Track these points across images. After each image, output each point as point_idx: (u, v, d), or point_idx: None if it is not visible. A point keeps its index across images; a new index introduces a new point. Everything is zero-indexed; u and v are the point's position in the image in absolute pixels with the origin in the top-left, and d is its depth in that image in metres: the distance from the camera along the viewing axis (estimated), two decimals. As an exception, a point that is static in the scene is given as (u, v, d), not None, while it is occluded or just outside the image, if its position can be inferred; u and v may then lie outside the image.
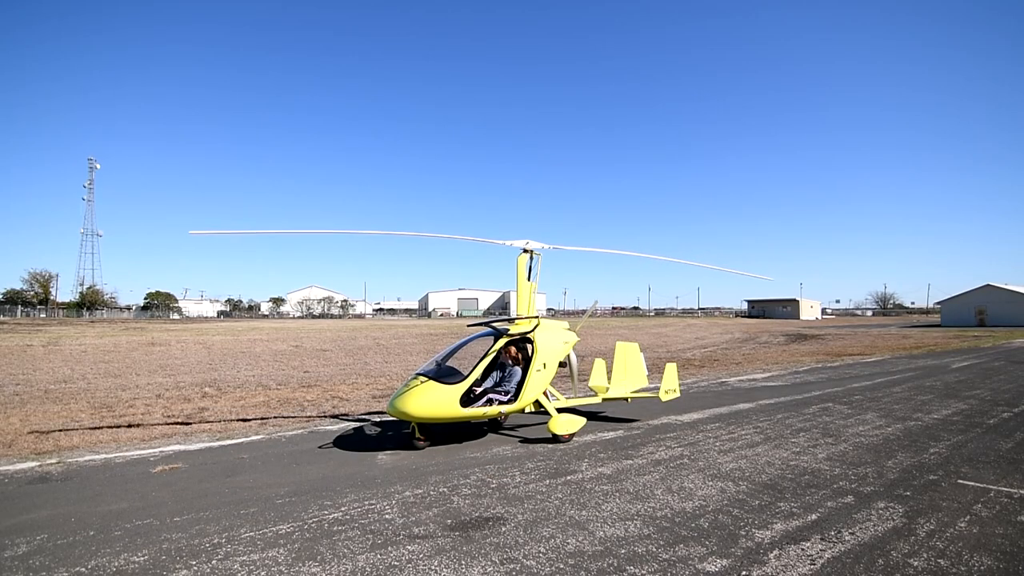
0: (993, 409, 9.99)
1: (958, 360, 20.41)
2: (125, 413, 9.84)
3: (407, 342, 30.68)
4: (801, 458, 6.60)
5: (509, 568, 3.72)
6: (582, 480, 5.75)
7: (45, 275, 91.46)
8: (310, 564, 3.78)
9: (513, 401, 7.54)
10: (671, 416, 9.36)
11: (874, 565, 3.75)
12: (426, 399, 6.87)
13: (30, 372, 16.06)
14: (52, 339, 27.89)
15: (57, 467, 6.32)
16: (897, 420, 8.98)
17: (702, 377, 15.67)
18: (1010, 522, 4.54)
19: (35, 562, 3.83)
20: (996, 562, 3.80)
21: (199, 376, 15.81)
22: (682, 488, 5.45)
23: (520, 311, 8.58)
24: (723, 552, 3.96)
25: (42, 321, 59.61)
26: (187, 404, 10.87)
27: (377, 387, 13.39)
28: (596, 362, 9.87)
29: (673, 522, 4.55)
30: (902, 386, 13.21)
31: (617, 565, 3.77)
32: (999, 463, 6.37)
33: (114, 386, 13.50)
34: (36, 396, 11.72)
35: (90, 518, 4.67)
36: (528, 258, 8.51)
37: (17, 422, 8.85)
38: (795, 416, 9.34)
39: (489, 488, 5.50)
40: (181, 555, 3.93)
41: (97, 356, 21.05)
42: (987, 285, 64.11)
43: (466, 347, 8.03)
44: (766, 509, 4.84)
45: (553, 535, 4.29)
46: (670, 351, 26.63)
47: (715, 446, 7.22)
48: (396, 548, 4.05)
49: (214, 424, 8.85)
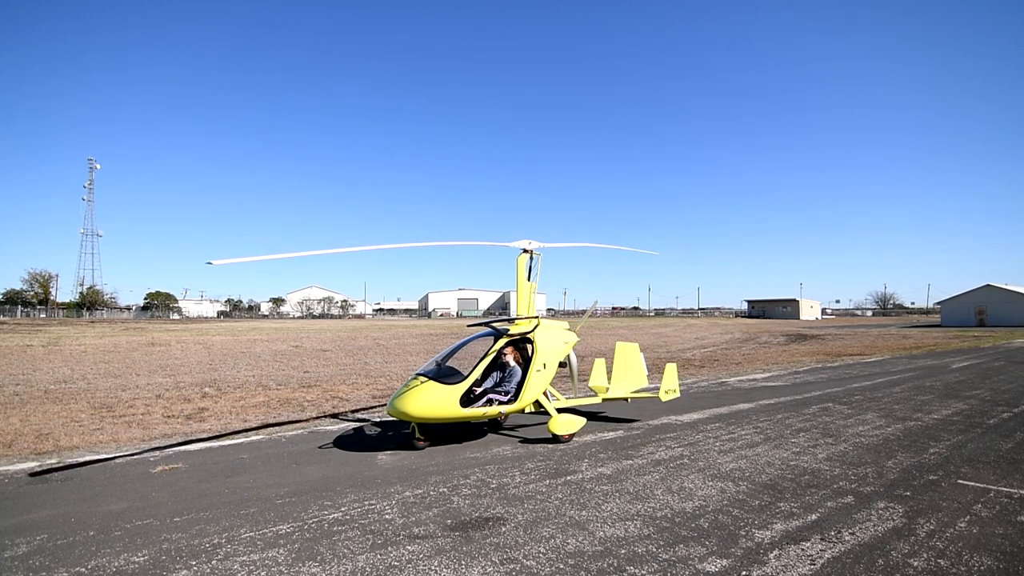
0: (993, 409, 9.99)
1: (958, 360, 20.42)
2: (125, 413, 9.83)
3: (407, 342, 30.68)
4: (801, 458, 6.60)
5: (509, 568, 3.72)
6: (582, 480, 5.75)
7: (45, 275, 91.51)
8: (310, 564, 3.78)
9: (513, 401, 7.54)
10: (671, 416, 9.36)
11: (874, 565, 3.75)
12: (426, 399, 6.87)
13: (30, 372, 16.05)
14: (52, 339, 27.89)
15: (57, 467, 6.32)
16: (897, 420, 8.98)
17: (702, 377, 15.66)
18: (1010, 522, 4.54)
19: (35, 562, 3.83)
20: (996, 562, 3.80)
21: (199, 376, 15.81)
22: (682, 488, 5.45)
23: (520, 311, 8.59)
24: (723, 552, 3.96)
25: (42, 321, 59.62)
26: (187, 404, 10.87)
27: (377, 387, 13.40)
28: (596, 362, 9.88)
29: (673, 522, 4.55)
30: (902, 386, 13.21)
31: (617, 565, 3.77)
32: (999, 463, 6.37)
33: (114, 386, 13.50)
34: (36, 396, 11.72)
35: (90, 518, 4.67)
36: (528, 258, 8.51)
37: (17, 422, 8.85)
38: (795, 416, 9.34)
39: (489, 488, 5.50)
40: (181, 555, 3.93)
41: (97, 356, 21.05)
42: (987, 285, 64.12)
43: (466, 347, 8.03)
44: (766, 509, 4.84)
45: (553, 535, 4.29)
46: (670, 351, 26.63)
47: (715, 446, 7.22)
48: (396, 548, 4.05)
49: (214, 424, 8.85)
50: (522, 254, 8.49)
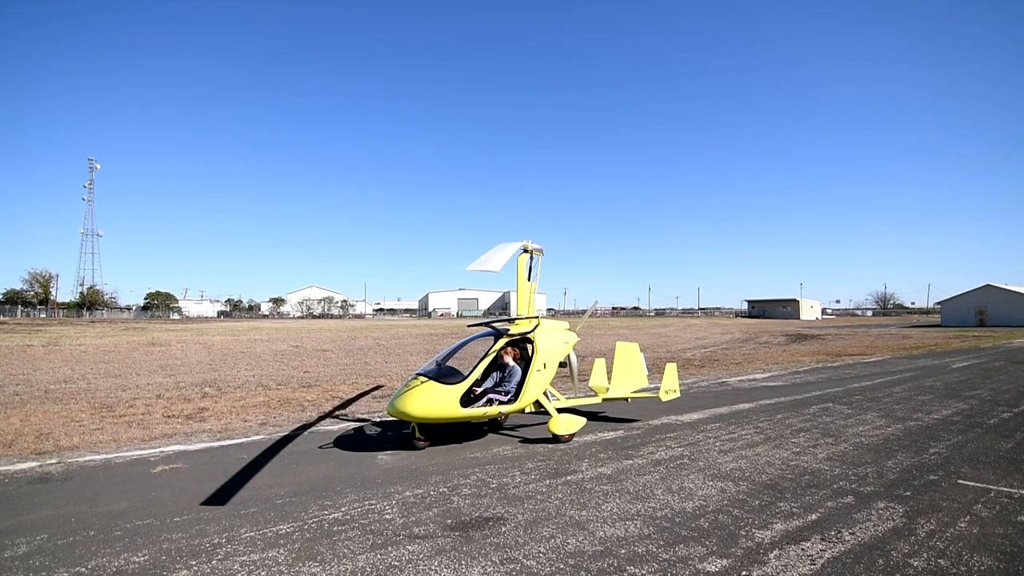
0: (993, 409, 9.99)
1: (958, 360, 20.41)
2: (125, 413, 9.83)
3: (407, 342, 30.67)
4: (801, 458, 6.60)
5: (509, 568, 3.72)
6: (582, 480, 5.75)
7: (45, 275, 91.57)
8: (310, 564, 3.78)
9: (513, 401, 7.54)
10: (671, 416, 9.36)
11: (874, 565, 3.75)
12: (426, 399, 6.86)
13: (30, 372, 16.05)
14: (52, 339, 27.89)
15: (57, 467, 6.32)
16: (897, 420, 8.98)
17: (702, 377, 15.66)
18: (1010, 522, 4.54)
19: (35, 562, 3.83)
20: (996, 562, 3.80)
21: (199, 376, 15.81)
22: (682, 488, 5.45)
23: (520, 311, 8.58)
24: (723, 552, 3.96)
25: (42, 321, 59.61)
26: (187, 404, 10.87)
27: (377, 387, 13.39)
28: (596, 362, 9.88)
29: (673, 522, 4.55)
30: (902, 386, 13.21)
31: (617, 565, 3.77)
32: (999, 463, 6.37)
33: (114, 386, 13.50)
34: (36, 396, 11.71)
35: (90, 518, 4.67)
36: (528, 258, 8.51)
37: (17, 422, 8.85)
38: (795, 416, 9.34)
39: (489, 488, 5.50)
40: (181, 555, 3.93)
41: (97, 356, 21.04)
42: (987, 285, 64.11)
43: (466, 347, 8.03)
44: (766, 509, 4.84)
45: (553, 535, 4.29)
46: (670, 351, 26.63)
47: (715, 446, 7.22)
48: (396, 548, 4.05)
49: (214, 424, 8.85)
50: (522, 254, 8.49)
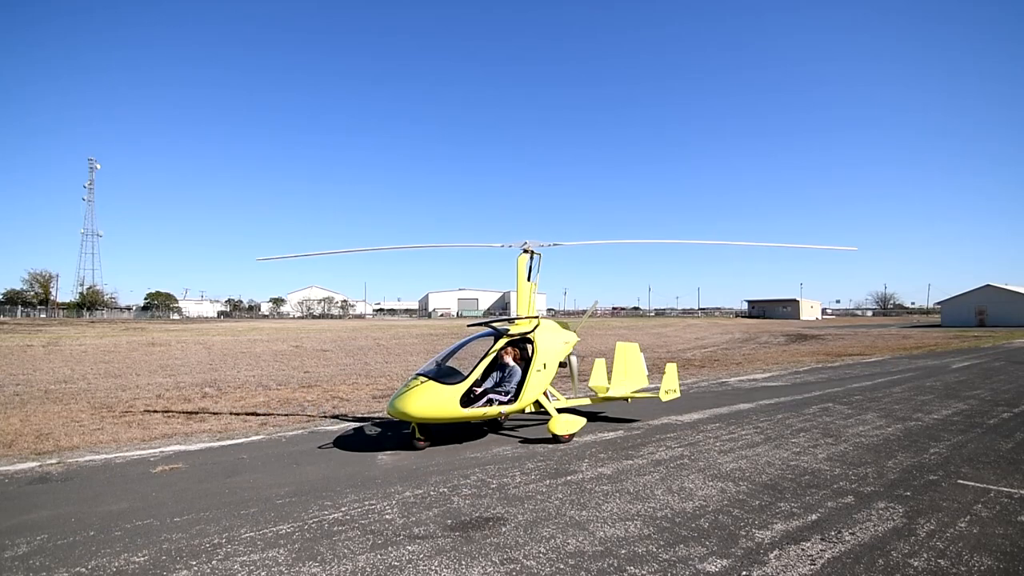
0: (993, 409, 9.99)
1: (958, 360, 20.41)
2: (125, 413, 9.84)
3: (407, 342, 30.68)
4: (801, 458, 6.60)
5: (509, 568, 3.72)
6: (582, 480, 5.75)
7: (45, 275, 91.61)
8: (310, 564, 3.78)
9: (513, 401, 7.54)
10: (671, 416, 9.36)
11: (874, 565, 3.74)
12: (426, 399, 6.86)
13: (30, 372, 16.05)
14: (52, 339, 27.89)
15: (57, 467, 6.32)
16: (897, 420, 8.98)
17: (702, 377, 15.66)
18: (1010, 522, 4.54)
19: (35, 562, 3.83)
20: (996, 562, 3.80)
21: (199, 376, 15.81)
22: (682, 488, 5.45)
23: (520, 311, 8.58)
24: (723, 552, 3.96)
25: (42, 321, 59.61)
26: (187, 404, 10.87)
27: (377, 387, 13.40)
28: (596, 362, 9.87)
29: (673, 522, 4.54)
30: (902, 386, 13.21)
31: (617, 565, 3.77)
32: (999, 463, 6.37)
33: (114, 386, 13.50)
34: (36, 396, 11.72)
35: (90, 518, 4.67)
36: (528, 258, 8.51)
37: (17, 422, 8.85)
38: (795, 416, 9.34)
39: (489, 488, 5.50)
40: (181, 555, 3.93)
41: (97, 356, 21.04)
42: (987, 285, 64.09)
43: (466, 347, 8.03)
44: (766, 509, 4.84)
45: (553, 535, 4.29)
46: (670, 351, 26.63)
47: (715, 446, 7.22)
48: (396, 548, 4.05)
49: (214, 424, 8.85)
50: (522, 254, 8.49)
